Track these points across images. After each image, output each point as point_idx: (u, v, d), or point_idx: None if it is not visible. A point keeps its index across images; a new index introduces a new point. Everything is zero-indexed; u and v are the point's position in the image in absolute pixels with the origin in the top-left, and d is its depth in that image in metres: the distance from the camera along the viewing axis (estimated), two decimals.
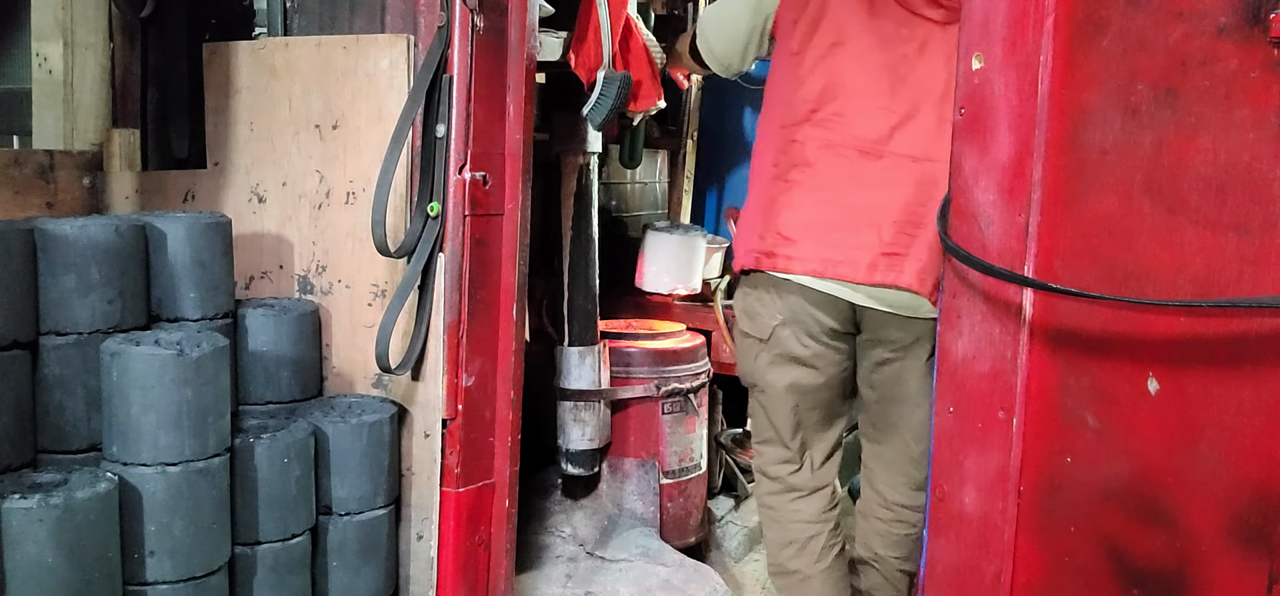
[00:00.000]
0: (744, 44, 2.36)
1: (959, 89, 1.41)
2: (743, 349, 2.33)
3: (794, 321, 2.19)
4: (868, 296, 2.13)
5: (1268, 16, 1.13)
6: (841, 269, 2.11)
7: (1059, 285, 1.31)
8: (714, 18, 2.43)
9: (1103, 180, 1.28)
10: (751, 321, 2.27)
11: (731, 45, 2.39)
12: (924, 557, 1.51)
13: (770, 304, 2.21)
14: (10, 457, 1.63)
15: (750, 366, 2.30)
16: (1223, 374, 1.19)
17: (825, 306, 2.16)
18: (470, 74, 1.97)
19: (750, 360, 2.29)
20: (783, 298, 2.19)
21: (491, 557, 2.15)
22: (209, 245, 1.86)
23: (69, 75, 2.22)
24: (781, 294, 2.19)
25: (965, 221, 1.41)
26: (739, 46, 2.37)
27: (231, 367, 1.92)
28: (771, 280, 2.19)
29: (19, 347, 1.65)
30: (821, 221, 2.14)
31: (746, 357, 2.31)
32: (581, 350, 2.74)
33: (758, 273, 2.22)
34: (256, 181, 2.15)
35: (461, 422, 2.04)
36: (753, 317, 2.26)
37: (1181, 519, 1.24)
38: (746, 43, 2.36)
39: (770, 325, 2.22)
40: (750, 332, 2.28)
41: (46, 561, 1.47)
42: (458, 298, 2.01)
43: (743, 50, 2.38)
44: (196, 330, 1.81)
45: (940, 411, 1.47)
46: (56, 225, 1.69)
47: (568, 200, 2.78)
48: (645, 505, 2.84)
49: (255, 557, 1.82)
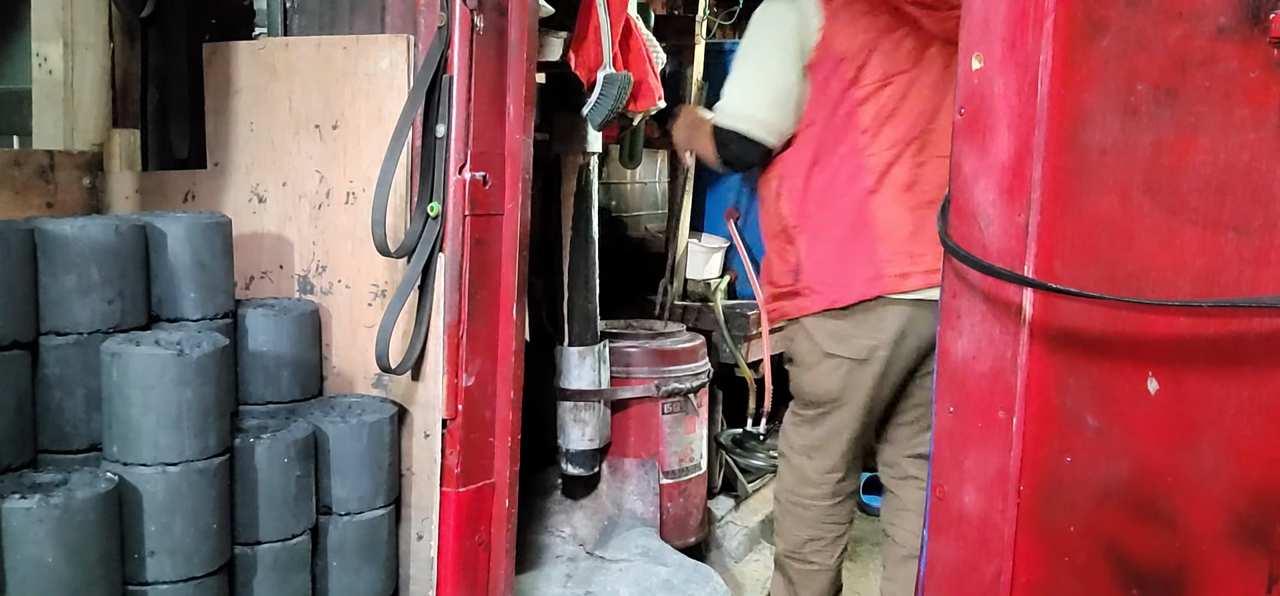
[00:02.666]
0: (793, 97, 2.25)
1: (959, 89, 1.41)
2: (821, 370, 2.32)
3: (898, 340, 2.23)
4: None
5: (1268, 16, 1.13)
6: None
7: (1059, 285, 1.31)
8: (751, 93, 2.29)
9: (1102, 180, 1.28)
10: (842, 343, 2.27)
11: (783, 106, 2.26)
12: (924, 557, 1.51)
13: (875, 325, 2.23)
14: (10, 457, 1.63)
15: (836, 385, 2.31)
16: (1223, 374, 1.19)
17: (926, 319, 2.21)
18: (470, 74, 1.97)
19: (837, 380, 2.30)
20: (894, 316, 2.22)
21: (491, 557, 2.15)
22: (209, 245, 1.86)
23: (69, 75, 2.22)
24: (891, 312, 2.22)
25: (965, 221, 1.41)
26: (792, 102, 2.25)
27: (232, 367, 1.92)
28: (886, 302, 2.22)
29: (19, 347, 1.65)
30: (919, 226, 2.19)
31: (830, 377, 2.31)
32: (581, 350, 2.74)
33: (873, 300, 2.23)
34: (256, 181, 2.15)
35: (461, 422, 2.04)
36: (844, 340, 2.27)
37: (1181, 519, 1.24)
38: (796, 94, 2.25)
39: (871, 344, 2.24)
40: (838, 353, 2.28)
41: (46, 561, 1.47)
42: (458, 297, 2.01)
43: (795, 103, 2.26)
44: (197, 330, 1.81)
45: (940, 411, 1.47)
46: (56, 225, 1.69)
47: (568, 200, 2.77)
48: (645, 505, 2.84)
49: (255, 557, 1.82)
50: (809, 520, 2.44)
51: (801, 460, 2.44)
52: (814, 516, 2.43)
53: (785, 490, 2.50)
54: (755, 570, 3.20)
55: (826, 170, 2.26)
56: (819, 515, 2.43)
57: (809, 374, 2.36)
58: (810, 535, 2.45)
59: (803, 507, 2.44)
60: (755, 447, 3.55)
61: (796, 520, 2.47)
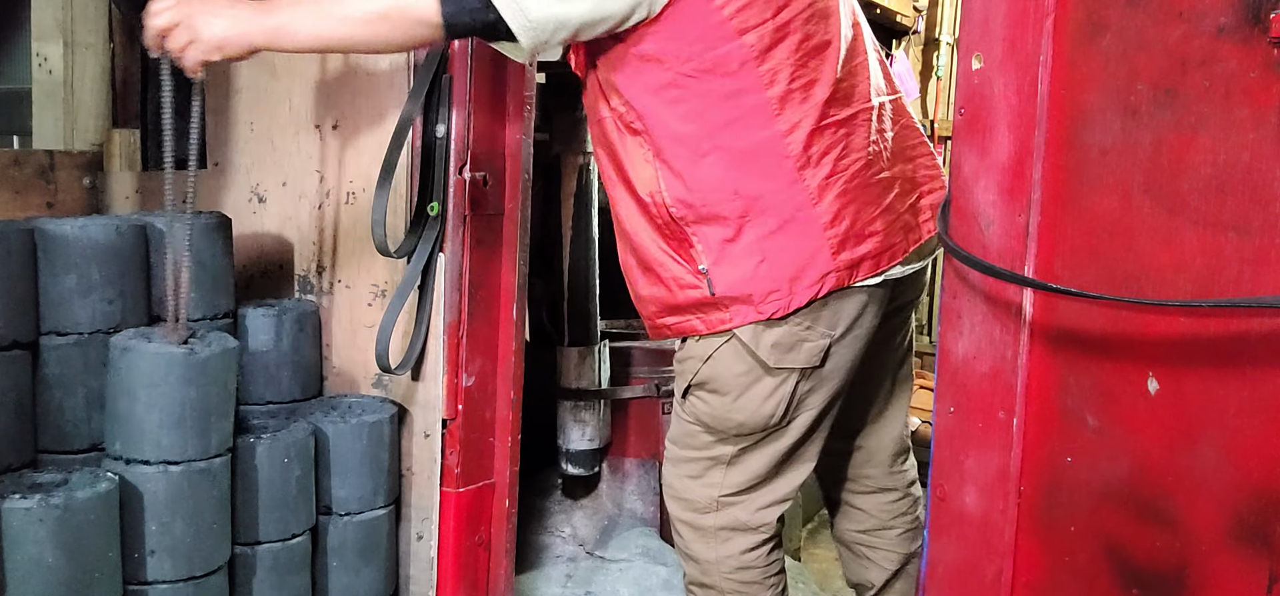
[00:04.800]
0: None
1: (959, 89, 1.41)
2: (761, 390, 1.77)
3: (853, 329, 1.78)
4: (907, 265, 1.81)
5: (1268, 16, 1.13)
6: (897, 250, 1.77)
7: (1059, 285, 1.31)
8: None
9: (1103, 180, 1.28)
10: (787, 353, 1.75)
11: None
12: (924, 558, 1.51)
13: (829, 322, 1.75)
14: (10, 457, 1.63)
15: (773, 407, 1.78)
16: (1223, 374, 1.19)
17: (878, 300, 1.81)
18: (470, 74, 1.97)
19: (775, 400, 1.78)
20: (848, 307, 1.76)
21: (491, 557, 2.15)
22: (209, 245, 1.86)
23: (69, 75, 2.22)
24: (846, 303, 1.76)
25: (965, 221, 1.41)
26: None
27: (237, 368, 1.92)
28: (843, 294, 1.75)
29: (19, 347, 1.65)
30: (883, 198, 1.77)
31: (771, 399, 1.78)
32: (581, 350, 2.74)
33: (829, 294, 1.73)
34: (256, 181, 2.15)
35: (461, 423, 2.04)
36: (791, 348, 1.75)
37: (1181, 519, 1.24)
38: None
39: (822, 345, 1.75)
40: (784, 365, 1.75)
41: (46, 561, 1.47)
42: (458, 298, 2.01)
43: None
44: (206, 329, 1.82)
45: (940, 411, 1.47)
46: (57, 225, 1.69)
47: (568, 200, 2.77)
48: (645, 505, 2.84)
49: (255, 557, 1.82)
50: (754, 581, 1.89)
51: (731, 512, 1.86)
52: (757, 575, 1.89)
53: (706, 568, 1.89)
54: None
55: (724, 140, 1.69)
56: (756, 574, 1.89)
57: (741, 401, 1.78)
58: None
59: (743, 570, 1.88)
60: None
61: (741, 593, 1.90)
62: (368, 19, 1.61)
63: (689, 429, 1.89)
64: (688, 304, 1.77)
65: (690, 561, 1.95)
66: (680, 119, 1.69)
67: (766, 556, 1.90)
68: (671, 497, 1.96)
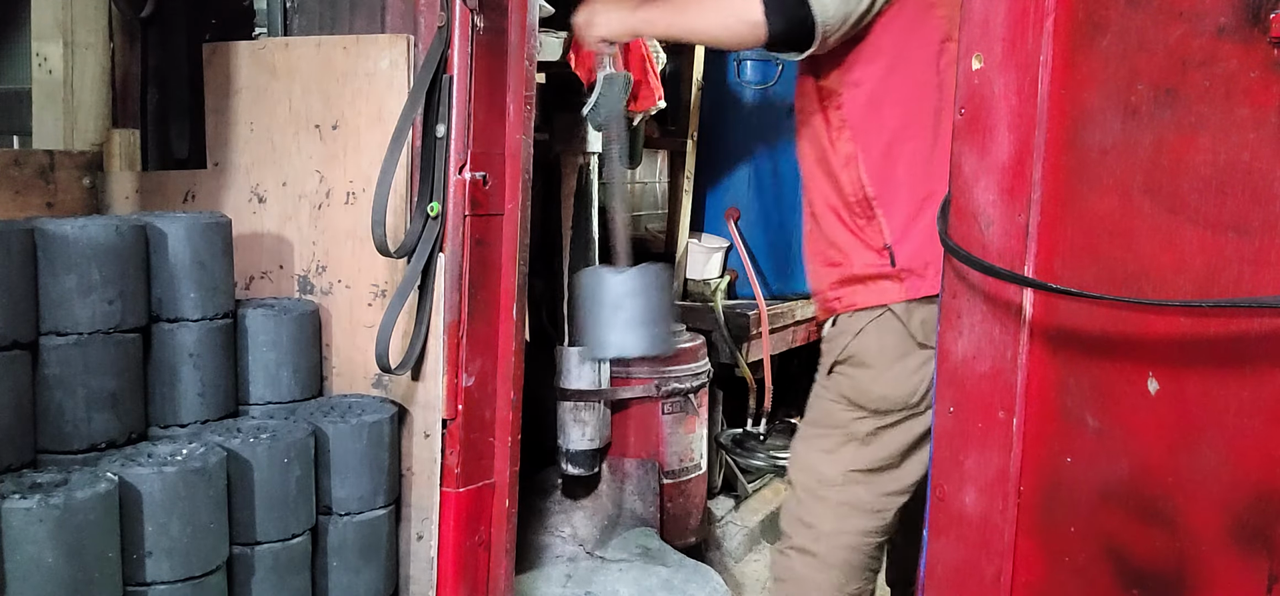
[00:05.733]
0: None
1: (959, 89, 1.41)
2: (908, 366, 1.96)
3: None
4: None
5: (1268, 16, 1.13)
6: None
7: (1059, 285, 1.31)
8: None
9: (1103, 180, 1.28)
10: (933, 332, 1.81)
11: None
12: (924, 558, 1.51)
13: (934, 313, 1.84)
14: (10, 457, 1.63)
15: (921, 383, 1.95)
16: (1223, 374, 1.19)
17: None
18: (470, 74, 1.97)
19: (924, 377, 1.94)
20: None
21: (491, 557, 2.15)
22: (209, 245, 1.86)
23: (69, 75, 2.22)
24: None
25: (965, 221, 1.41)
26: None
27: (232, 367, 1.93)
28: None
29: (19, 348, 1.64)
30: None
31: (915, 375, 1.96)
32: (581, 350, 2.74)
33: None
34: (256, 181, 2.15)
35: (461, 422, 2.04)
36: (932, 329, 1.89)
37: (1181, 519, 1.24)
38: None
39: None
40: (931, 343, 1.88)
41: (46, 561, 1.47)
42: (458, 298, 2.01)
43: None
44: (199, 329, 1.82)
45: (940, 411, 1.47)
46: (57, 225, 1.69)
47: (568, 200, 2.78)
48: (645, 505, 2.84)
49: (255, 557, 1.82)
50: (858, 566, 2.03)
51: (855, 490, 2.01)
52: (862, 560, 2.02)
53: (819, 536, 2.04)
54: (755, 570, 3.20)
55: (913, 128, 1.95)
56: (868, 557, 2.03)
57: (886, 374, 1.96)
58: (857, 587, 2.05)
59: (852, 550, 2.02)
60: (755, 448, 3.55)
61: (843, 571, 2.02)
62: (705, 18, 2.00)
63: (829, 406, 2.07)
64: (863, 275, 2.00)
65: (802, 527, 2.08)
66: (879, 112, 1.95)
67: (876, 545, 2.06)
68: (799, 469, 2.12)
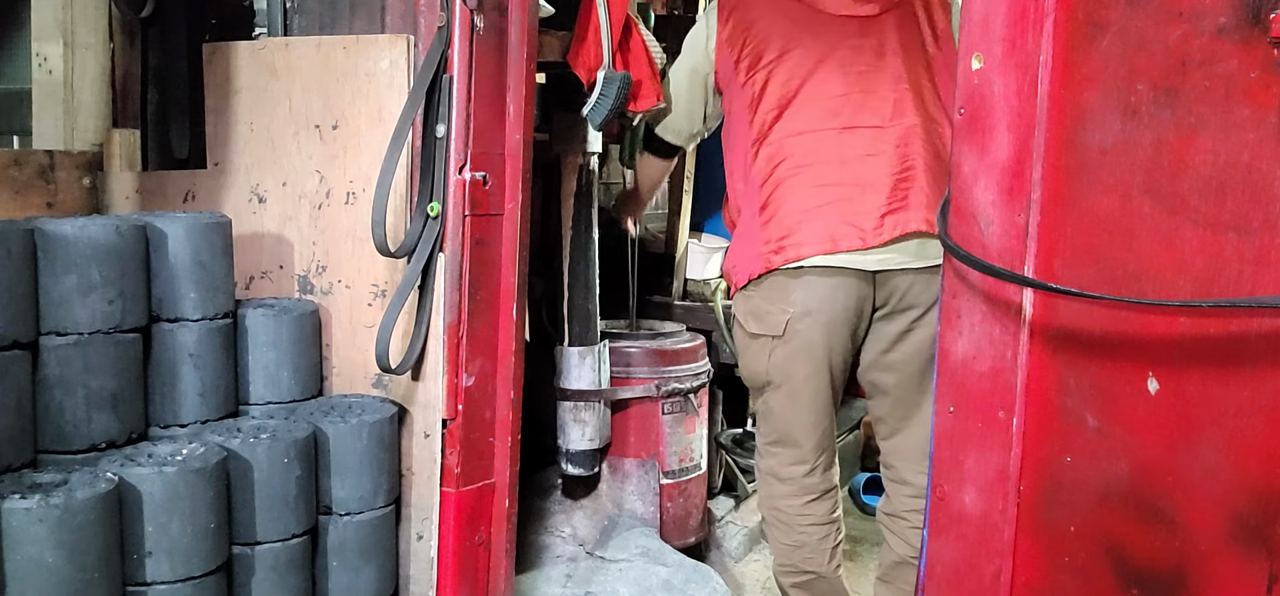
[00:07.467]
0: (690, 106, 2.52)
1: (959, 89, 1.41)
2: (751, 352, 2.34)
3: (810, 311, 2.21)
4: (881, 259, 2.18)
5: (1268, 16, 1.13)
6: (850, 239, 2.16)
7: (1059, 285, 1.31)
8: (664, 107, 2.57)
9: (1102, 180, 1.28)
10: (760, 321, 2.28)
11: (685, 114, 2.54)
12: (924, 557, 1.51)
13: (781, 299, 2.23)
14: (10, 457, 1.63)
15: (763, 365, 2.31)
16: (1223, 374, 1.19)
17: (841, 287, 2.20)
18: (470, 74, 1.97)
19: (763, 359, 2.31)
20: (796, 289, 2.22)
21: (491, 557, 2.15)
22: (209, 245, 1.86)
23: (69, 75, 2.22)
24: (794, 286, 2.22)
25: (965, 221, 1.41)
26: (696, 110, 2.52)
27: (232, 367, 1.93)
28: (781, 276, 2.23)
29: (19, 348, 1.64)
30: (820, 203, 2.19)
31: (758, 358, 2.32)
32: (581, 350, 2.74)
33: (764, 275, 2.25)
34: (256, 181, 2.15)
35: (461, 422, 2.04)
36: (761, 318, 2.28)
37: (1181, 519, 1.24)
38: (695, 105, 2.51)
39: (783, 319, 2.24)
40: (760, 332, 2.29)
41: (46, 561, 1.47)
42: (458, 298, 2.01)
43: (697, 112, 2.52)
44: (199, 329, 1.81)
45: (940, 411, 1.47)
46: (57, 225, 1.69)
47: (568, 200, 2.77)
48: (645, 505, 2.83)
49: (255, 557, 1.82)
50: (787, 522, 2.37)
51: (769, 461, 2.40)
52: (793, 520, 2.36)
53: (763, 498, 2.47)
54: (755, 570, 3.20)
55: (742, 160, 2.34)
56: (798, 518, 2.36)
57: (742, 356, 2.40)
58: (792, 541, 2.38)
59: (778, 511, 2.39)
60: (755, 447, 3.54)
61: (778, 526, 2.40)
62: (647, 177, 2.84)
63: None
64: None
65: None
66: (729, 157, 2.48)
67: (800, 506, 2.35)
68: None
